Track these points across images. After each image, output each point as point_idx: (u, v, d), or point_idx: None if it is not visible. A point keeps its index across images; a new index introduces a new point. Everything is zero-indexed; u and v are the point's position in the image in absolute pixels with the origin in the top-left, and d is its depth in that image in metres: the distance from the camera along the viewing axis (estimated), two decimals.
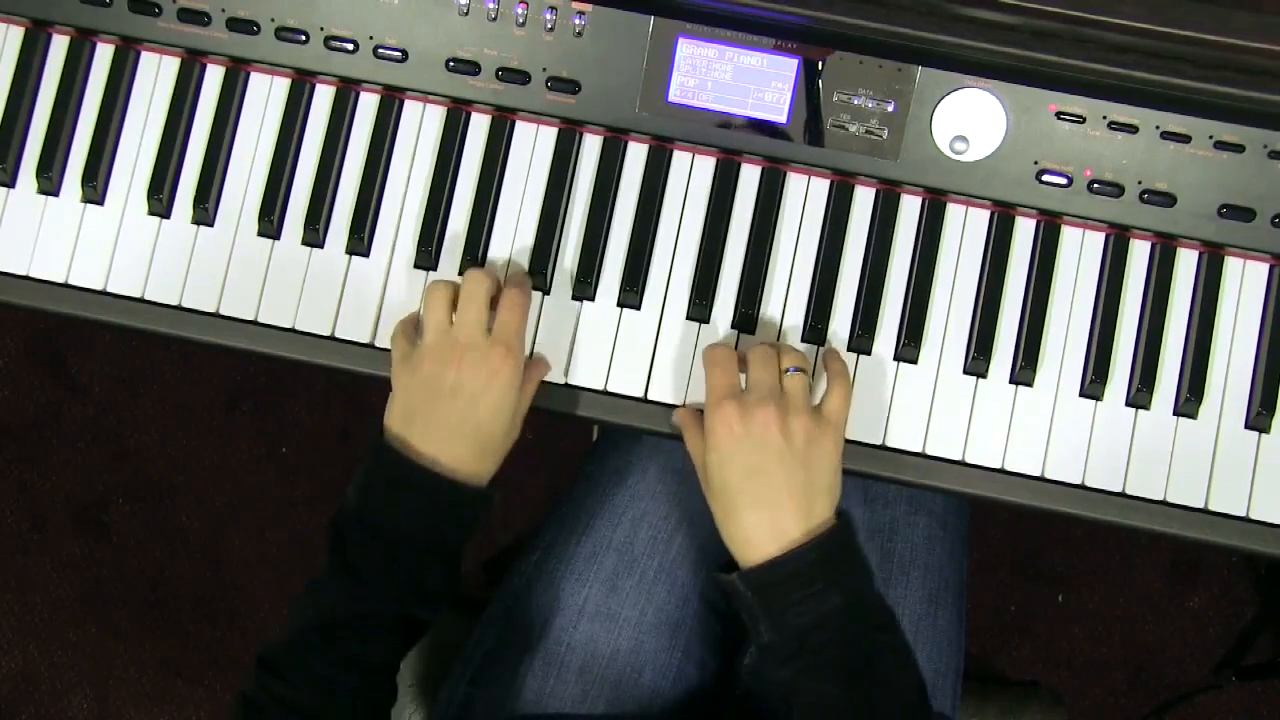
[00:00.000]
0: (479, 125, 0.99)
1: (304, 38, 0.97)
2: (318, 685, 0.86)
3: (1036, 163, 0.95)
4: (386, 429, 0.90)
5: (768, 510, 0.85)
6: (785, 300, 0.97)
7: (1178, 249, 0.97)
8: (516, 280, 0.95)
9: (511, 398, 0.89)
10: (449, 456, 0.88)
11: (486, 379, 0.88)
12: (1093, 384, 0.96)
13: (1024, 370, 0.96)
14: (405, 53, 0.97)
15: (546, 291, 0.98)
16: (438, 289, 0.91)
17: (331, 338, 0.98)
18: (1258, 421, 0.95)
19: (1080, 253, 0.97)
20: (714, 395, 0.88)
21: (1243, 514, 0.95)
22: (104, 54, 0.99)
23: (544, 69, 0.96)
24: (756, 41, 0.95)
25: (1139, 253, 0.97)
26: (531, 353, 0.96)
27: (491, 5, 0.96)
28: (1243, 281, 0.97)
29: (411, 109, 0.99)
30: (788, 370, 0.89)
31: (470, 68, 0.97)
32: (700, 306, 0.97)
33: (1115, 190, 0.95)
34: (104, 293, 0.98)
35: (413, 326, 0.93)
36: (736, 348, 0.95)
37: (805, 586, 0.83)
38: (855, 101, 0.95)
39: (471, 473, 0.89)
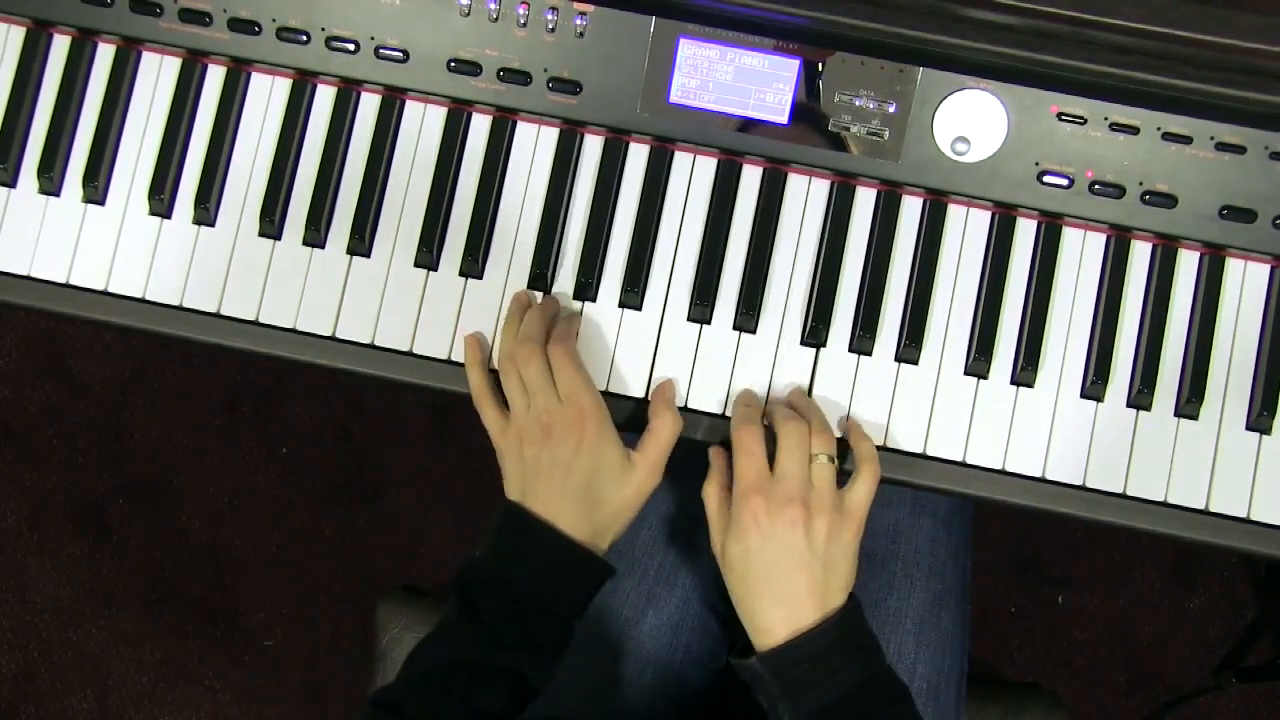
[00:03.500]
0: (480, 126, 0.99)
1: (305, 38, 0.97)
2: None
3: (1038, 164, 0.95)
4: (508, 495, 0.92)
5: (785, 605, 0.87)
6: (786, 301, 0.97)
7: (1179, 250, 0.97)
8: (560, 332, 0.94)
9: (605, 448, 0.90)
10: (563, 522, 0.90)
11: (574, 446, 0.89)
12: (1094, 385, 0.96)
13: (1025, 371, 0.96)
14: (406, 53, 0.97)
15: (547, 292, 0.98)
16: (509, 372, 0.92)
17: (333, 338, 0.98)
18: (1259, 423, 0.95)
19: (1081, 254, 0.97)
20: (742, 484, 0.89)
21: (1243, 515, 0.95)
22: (105, 54, 0.99)
23: (545, 69, 0.96)
24: (758, 42, 0.95)
25: (1140, 254, 0.97)
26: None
27: (493, 6, 0.96)
28: (1244, 283, 0.97)
29: (413, 109, 0.99)
30: (817, 456, 0.89)
31: (472, 68, 0.97)
32: (701, 307, 0.97)
33: (1116, 191, 0.95)
34: (105, 293, 0.98)
35: (492, 396, 0.94)
36: (766, 401, 0.96)
37: (822, 667, 0.86)
38: (856, 102, 0.95)
39: (585, 537, 0.90)
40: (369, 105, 0.99)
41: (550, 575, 0.90)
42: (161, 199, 0.98)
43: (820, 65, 0.95)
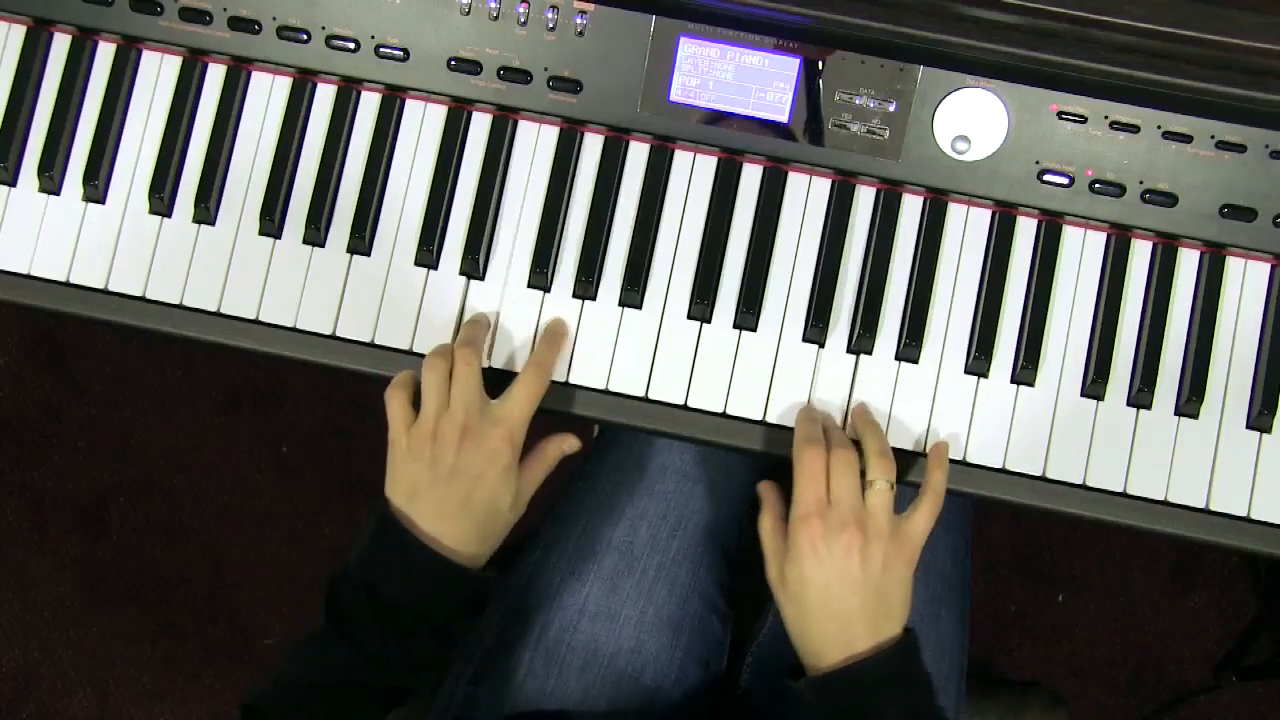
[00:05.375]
0: (480, 124, 0.99)
1: (305, 37, 0.97)
2: None
3: (1038, 162, 0.95)
4: (389, 501, 0.90)
5: (839, 629, 0.87)
6: (786, 300, 0.97)
7: (1179, 249, 0.97)
8: (539, 358, 0.94)
9: (510, 480, 0.90)
10: (451, 537, 0.89)
11: (485, 462, 0.89)
12: (1094, 384, 0.96)
13: (1025, 370, 0.96)
14: (407, 52, 0.97)
15: (548, 291, 0.98)
16: (435, 367, 0.91)
17: (333, 337, 0.98)
18: (1259, 421, 0.95)
19: (1082, 253, 0.97)
20: (800, 508, 0.89)
21: (1244, 514, 0.95)
22: (105, 53, 0.99)
23: (545, 68, 0.96)
24: (758, 41, 0.95)
25: (1140, 253, 0.97)
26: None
27: (493, 4, 0.96)
28: (1244, 281, 0.97)
29: (413, 108, 0.99)
30: (873, 482, 0.89)
31: (472, 67, 0.97)
32: (701, 306, 0.97)
33: (1117, 190, 0.95)
34: (105, 291, 0.98)
35: (408, 392, 0.92)
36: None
37: (870, 697, 0.86)
38: (857, 101, 0.95)
39: (472, 553, 0.90)
40: (369, 104, 0.99)
41: (424, 591, 0.89)
42: (162, 198, 0.98)
43: (820, 64, 0.95)
